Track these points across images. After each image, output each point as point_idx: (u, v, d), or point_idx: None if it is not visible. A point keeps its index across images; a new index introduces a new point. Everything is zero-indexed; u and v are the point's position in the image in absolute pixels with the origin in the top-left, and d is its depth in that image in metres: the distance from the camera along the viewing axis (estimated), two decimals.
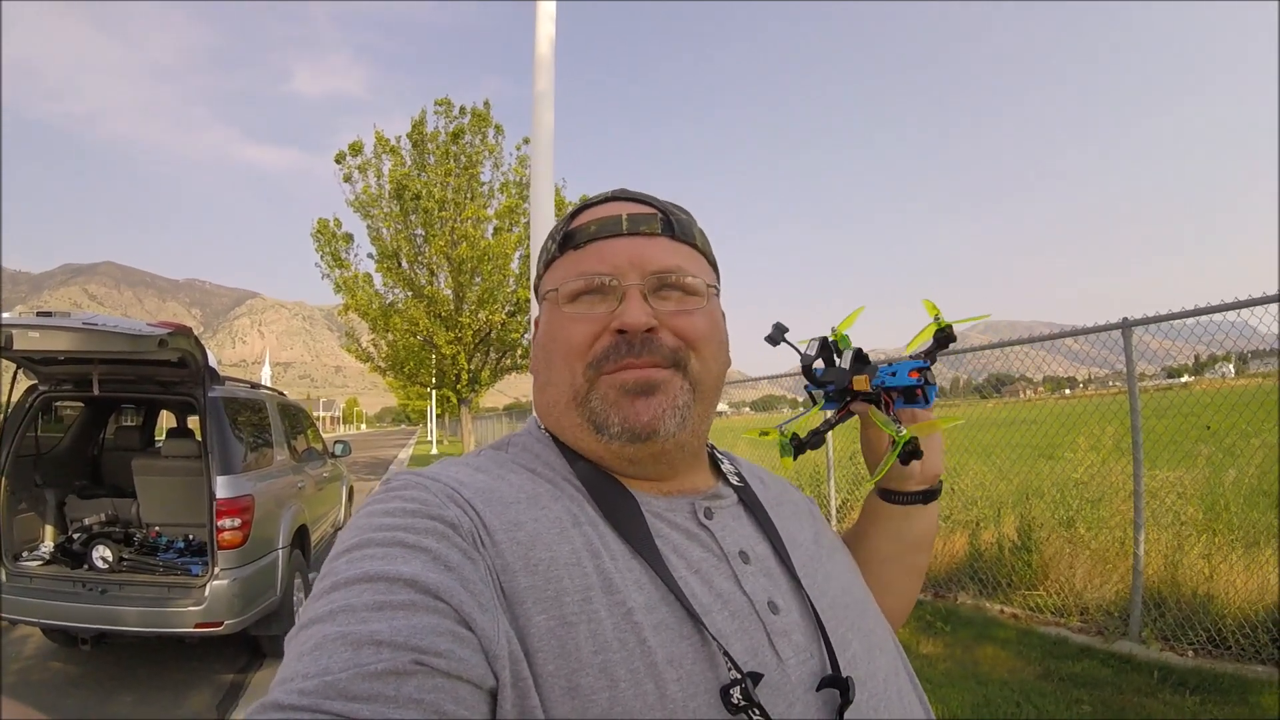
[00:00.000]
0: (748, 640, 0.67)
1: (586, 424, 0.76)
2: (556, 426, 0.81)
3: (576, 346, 0.76)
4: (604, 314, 0.77)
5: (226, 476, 4.61)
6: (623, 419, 0.74)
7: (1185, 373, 7.64)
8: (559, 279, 0.80)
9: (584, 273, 0.78)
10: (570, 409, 0.77)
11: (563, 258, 0.82)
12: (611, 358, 0.75)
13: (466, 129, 19.66)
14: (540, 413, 0.85)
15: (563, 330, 0.78)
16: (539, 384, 0.83)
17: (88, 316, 4.12)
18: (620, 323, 0.74)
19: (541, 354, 0.82)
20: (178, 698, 4.56)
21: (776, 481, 0.99)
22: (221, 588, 4.45)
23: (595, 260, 0.78)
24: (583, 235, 0.80)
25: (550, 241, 0.84)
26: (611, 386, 0.75)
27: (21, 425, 4.98)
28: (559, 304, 0.79)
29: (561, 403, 0.78)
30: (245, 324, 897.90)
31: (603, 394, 0.75)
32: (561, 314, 0.79)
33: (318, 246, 19.70)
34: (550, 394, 0.80)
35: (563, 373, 0.78)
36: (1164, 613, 4.66)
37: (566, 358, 0.77)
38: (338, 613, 0.55)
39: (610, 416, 0.74)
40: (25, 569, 4.80)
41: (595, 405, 0.75)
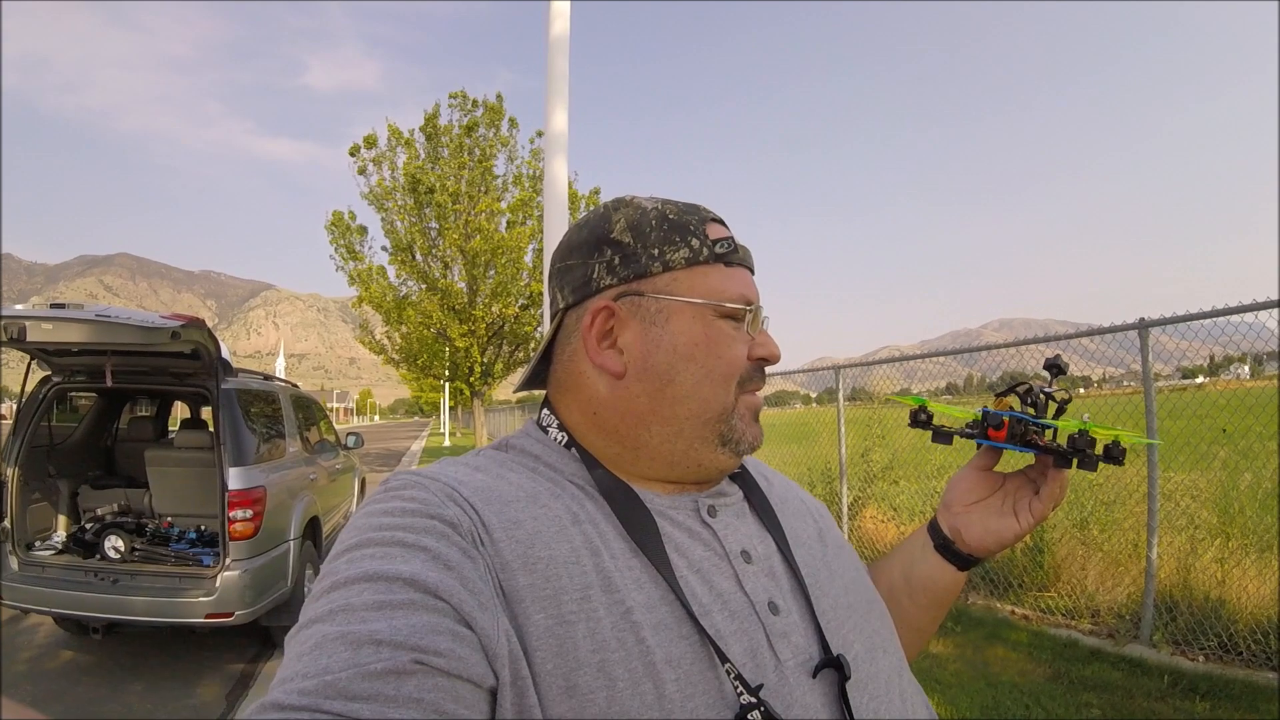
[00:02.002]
0: (746, 641, 0.67)
1: (715, 438, 0.77)
2: (661, 437, 0.77)
3: (738, 365, 0.78)
4: (747, 337, 0.79)
5: (239, 468, 4.63)
6: (754, 439, 0.80)
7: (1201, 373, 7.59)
8: (719, 290, 0.78)
9: (745, 296, 0.79)
10: (709, 423, 0.76)
11: (714, 267, 0.79)
12: (754, 379, 0.80)
13: (480, 122, 19.69)
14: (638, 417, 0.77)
15: (730, 347, 0.77)
16: (667, 392, 0.76)
17: (101, 309, 4.15)
18: (767, 353, 0.81)
19: (688, 364, 0.76)
20: (188, 687, 4.60)
21: (781, 480, 0.98)
22: (232, 578, 4.48)
23: (742, 286, 0.80)
24: (734, 257, 0.80)
25: (695, 240, 0.78)
26: (749, 408, 0.80)
27: (35, 416, 5.02)
28: (722, 317, 0.78)
29: (704, 416, 0.76)
30: (260, 315, 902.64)
31: (740, 414, 0.78)
32: (726, 329, 0.78)
33: (332, 239, 19.80)
34: (690, 405, 0.76)
35: (719, 388, 0.76)
36: (1175, 617, 4.62)
37: (728, 375, 0.77)
38: (337, 612, 0.55)
39: (746, 434, 0.79)
40: (38, 558, 4.84)
41: (735, 423, 0.78)
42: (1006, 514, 0.93)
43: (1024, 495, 0.93)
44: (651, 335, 0.76)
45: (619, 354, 0.77)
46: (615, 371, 0.77)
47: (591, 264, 0.79)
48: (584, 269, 0.79)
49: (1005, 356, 6.40)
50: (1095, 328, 5.22)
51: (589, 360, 0.78)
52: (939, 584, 0.96)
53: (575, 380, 0.80)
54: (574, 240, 0.83)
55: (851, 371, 8.00)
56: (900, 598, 0.97)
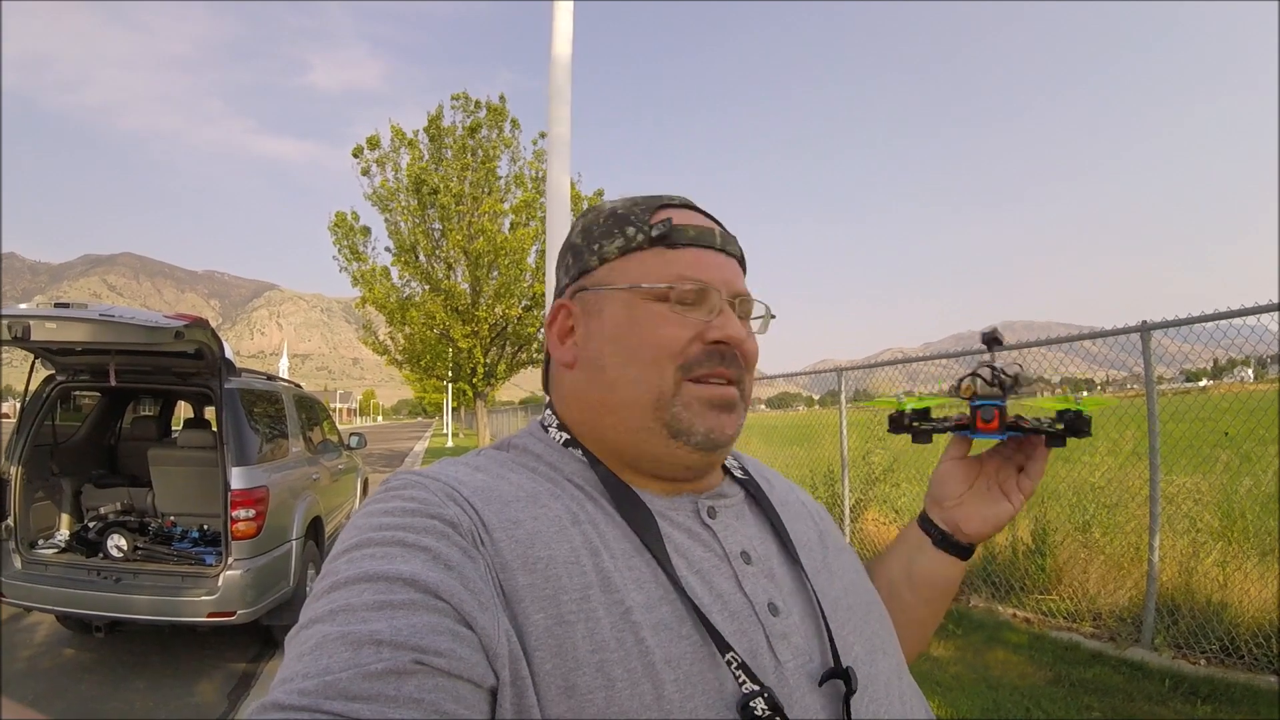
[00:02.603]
0: (746, 642, 0.67)
1: (660, 427, 0.74)
2: (608, 425, 0.78)
3: (673, 347, 0.75)
4: (698, 321, 0.76)
5: (242, 467, 4.64)
6: (708, 430, 0.75)
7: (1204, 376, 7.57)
8: (653, 273, 0.77)
9: (687, 276, 0.77)
10: (646, 410, 0.75)
11: (651, 251, 0.78)
12: (704, 365, 0.75)
13: (483, 123, 19.70)
14: (583, 407, 0.80)
15: (658, 328, 0.75)
16: (599, 379, 0.78)
17: (104, 308, 4.15)
18: (723, 334, 0.75)
19: (615, 347, 0.77)
20: (190, 686, 4.60)
21: (783, 482, 0.98)
22: (235, 578, 4.49)
23: (693, 266, 0.78)
24: (681, 236, 0.78)
25: (630, 228, 0.80)
26: (698, 397, 0.75)
27: (39, 414, 5.03)
28: (655, 299, 0.76)
29: (639, 402, 0.75)
30: (263, 315, 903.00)
31: (687, 402, 0.74)
32: (657, 310, 0.76)
33: (336, 240, 19.81)
34: (622, 391, 0.76)
35: (649, 371, 0.75)
36: (1177, 620, 4.61)
37: (658, 358, 0.75)
38: (338, 612, 0.55)
39: (696, 425, 0.74)
40: (41, 556, 4.85)
41: (678, 411, 0.74)
42: (997, 497, 0.94)
43: (1006, 474, 0.95)
44: (591, 326, 0.80)
45: (573, 347, 0.82)
46: (567, 362, 0.81)
47: (560, 270, 0.86)
48: (559, 273, 0.87)
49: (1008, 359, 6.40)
50: (1097, 330, 5.21)
51: (555, 357, 0.83)
52: (942, 576, 0.97)
53: (556, 377, 0.85)
54: (561, 249, 0.88)
55: (854, 374, 7.99)
56: (903, 595, 0.98)
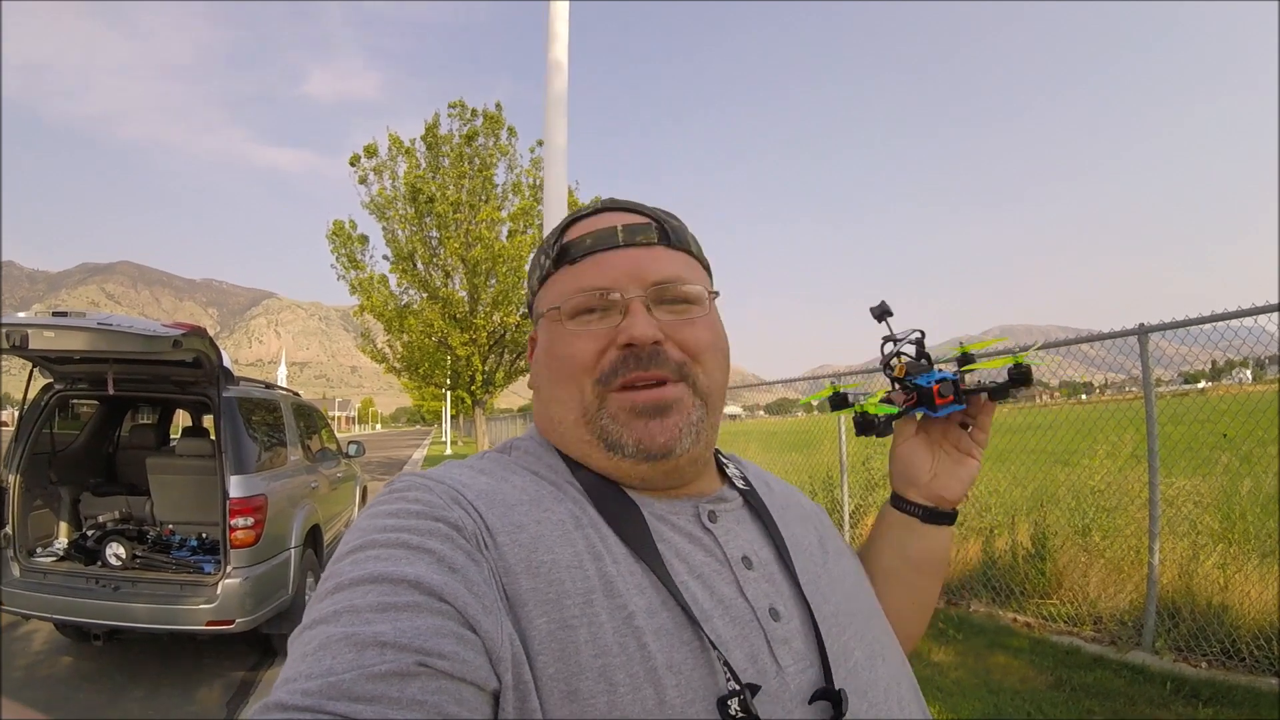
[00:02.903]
0: (747, 647, 0.67)
1: (597, 441, 0.74)
2: (562, 442, 0.79)
3: (583, 363, 0.75)
4: (608, 329, 0.75)
5: (240, 476, 4.63)
6: (636, 440, 0.73)
7: (1202, 378, 7.58)
8: (557, 295, 0.79)
9: (584, 288, 0.77)
10: (579, 426, 0.75)
11: (559, 273, 0.80)
12: (620, 372, 0.74)
13: (480, 131, 19.71)
14: (544, 429, 0.83)
15: (567, 347, 0.76)
16: (541, 400, 0.82)
17: (103, 317, 4.15)
18: (627, 336, 0.73)
19: (544, 372, 0.80)
20: (188, 694, 4.59)
21: (783, 486, 0.98)
22: (233, 586, 4.47)
23: (594, 274, 0.77)
24: (578, 249, 0.79)
25: (543, 257, 0.83)
26: (622, 407, 0.73)
27: (37, 423, 5.02)
28: (560, 320, 0.77)
29: (569, 420, 0.76)
30: (262, 324, 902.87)
31: (613, 413, 0.74)
32: (564, 330, 0.77)
33: (333, 248, 19.79)
34: (556, 411, 0.78)
35: (569, 390, 0.76)
36: (1178, 623, 4.61)
37: (573, 375, 0.75)
38: (342, 613, 0.55)
39: (624, 436, 0.73)
40: (39, 565, 4.84)
41: (606, 424, 0.74)
42: (961, 457, 0.95)
43: (957, 435, 0.96)
44: (535, 355, 0.85)
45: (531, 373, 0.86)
46: (530, 387, 0.87)
47: None
48: None
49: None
50: (1095, 333, 5.21)
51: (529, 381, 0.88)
52: (939, 547, 0.98)
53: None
54: None
55: (851, 379, 7.98)
56: (905, 576, 0.98)
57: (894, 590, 0.96)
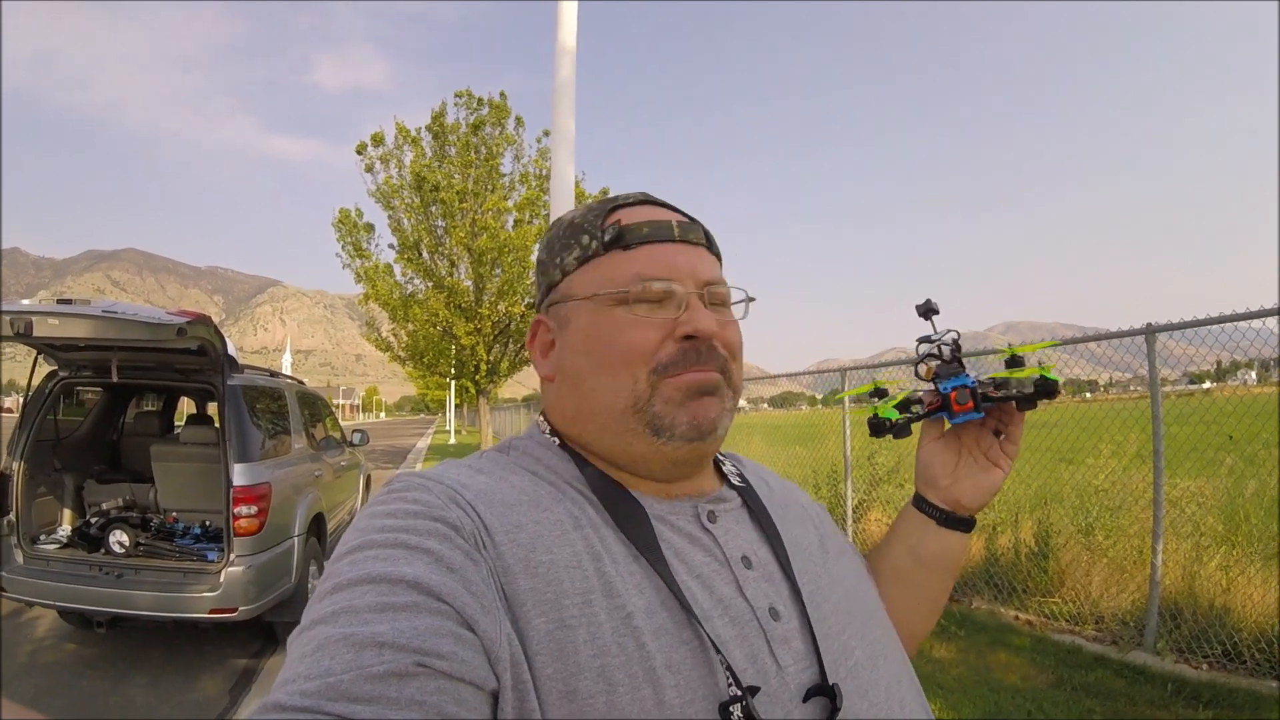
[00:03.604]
0: (747, 647, 0.67)
1: (644, 428, 0.74)
2: (592, 434, 0.78)
3: (642, 351, 0.74)
4: (666, 319, 0.75)
5: (244, 464, 4.64)
6: (690, 418, 0.73)
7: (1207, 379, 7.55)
8: (611, 279, 0.77)
9: (644, 275, 0.76)
10: (626, 415, 0.74)
11: (607, 257, 0.78)
12: (680, 364, 0.74)
13: (486, 120, 19.69)
14: (566, 419, 0.81)
15: (623, 334, 0.75)
16: (577, 390, 0.78)
17: (107, 304, 4.16)
18: (693, 329, 0.74)
19: (587, 359, 0.77)
20: (191, 681, 4.60)
21: (783, 484, 0.98)
22: (237, 574, 4.48)
23: (650, 264, 0.77)
24: (634, 236, 0.78)
25: (585, 237, 0.80)
26: (676, 389, 0.74)
27: (41, 410, 5.03)
28: (610, 306, 0.76)
29: (618, 408, 0.75)
30: (267, 311, 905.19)
31: (666, 397, 0.74)
32: (619, 316, 0.75)
33: (339, 236, 19.80)
34: (599, 399, 0.76)
35: (621, 378, 0.74)
36: (1179, 624, 4.60)
37: (628, 363, 0.74)
38: (340, 614, 0.55)
39: (677, 417, 0.73)
40: (43, 552, 4.85)
41: (658, 409, 0.73)
42: (986, 466, 0.94)
43: (988, 442, 0.95)
44: (563, 340, 0.81)
45: (550, 362, 0.82)
46: (547, 376, 0.83)
47: (535, 285, 0.86)
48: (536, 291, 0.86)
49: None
50: (1102, 332, 5.19)
51: (538, 371, 0.85)
52: (952, 552, 0.97)
53: (542, 388, 0.87)
54: None
55: (857, 374, 7.98)
56: (915, 576, 0.97)
57: (902, 588, 0.97)
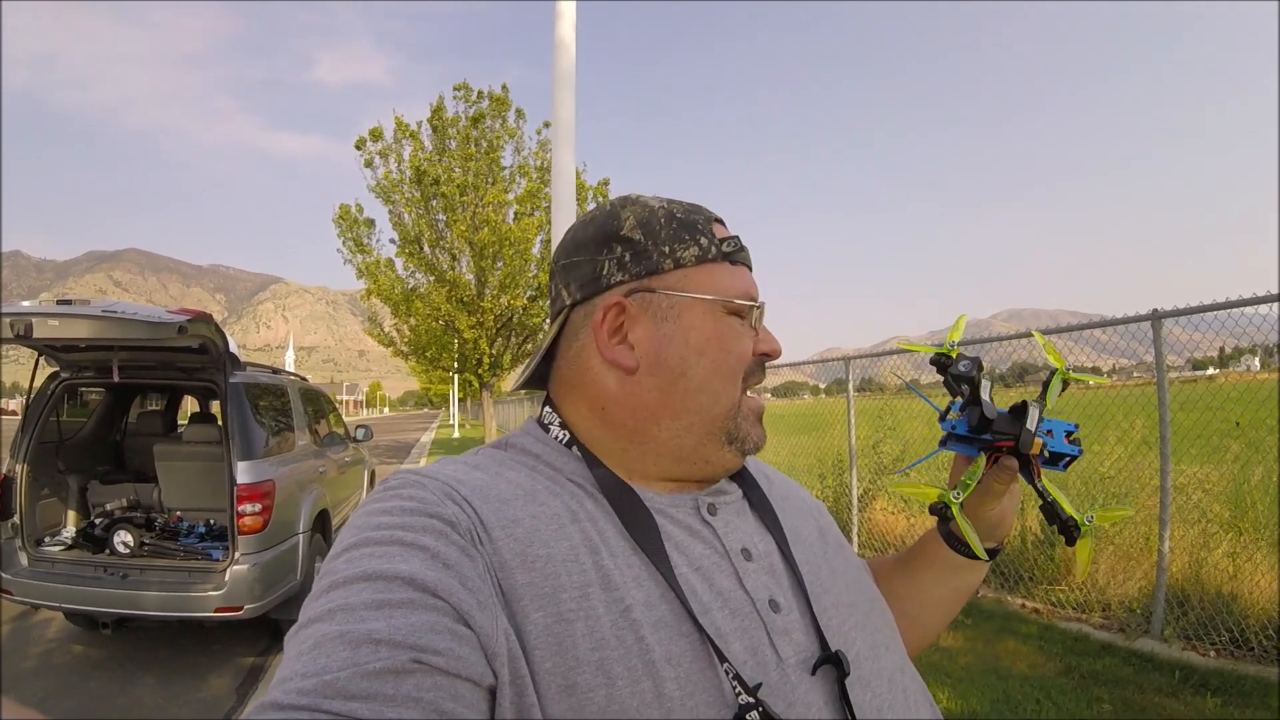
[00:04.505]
0: (747, 639, 0.67)
1: (721, 434, 0.77)
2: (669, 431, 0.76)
3: (743, 360, 0.78)
4: (752, 333, 0.80)
5: (247, 462, 4.64)
6: (757, 439, 0.80)
7: (1211, 365, 7.54)
8: (729, 288, 0.79)
9: (749, 294, 0.80)
10: (717, 418, 0.77)
11: (721, 265, 0.80)
12: (755, 376, 0.80)
13: (486, 113, 19.68)
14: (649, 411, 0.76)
15: (739, 343, 0.78)
16: (678, 385, 0.76)
17: (108, 304, 4.16)
18: (770, 348, 0.81)
19: (700, 358, 0.76)
20: (198, 680, 4.62)
21: (782, 478, 0.98)
22: (242, 572, 4.49)
23: (748, 284, 0.81)
24: (739, 256, 0.82)
25: (703, 239, 0.79)
26: (751, 409, 0.80)
27: (44, 411, 5.04)
28: (731, 314, 0.78)
29: (713, 411, 0.76)
30: (269, 309, 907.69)
31: (744, 414, 0.79)
32: (732, 324, 0.78)
33: (340, 232, 19.82)
34: (701, 400, 0.76)
35: (728, 384, 0.77)
36: (1186, 611, 4.61)
37: (736, 371, 0.78)
38: (336, 611, 0.54)
39: (750, 434, 0.79)
40: (48, 554, 4.86)
41: (740, 422, 0.78)
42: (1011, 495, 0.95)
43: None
44: (664, 330, 0.77)
45: (630, 349, 0.77)
46: (628, 366, 0.77)
47: (600, 260, 0.79)
48: (592, 265, 0.79)
49: (1015, 347, 6.36)
50: (1107, 319, 5.19)
51: (599, 356, 0.78)
52: (979, 577, 1.00)
53: (582, 376, 0.80)
54: (580, 237, 0.82)
55: (860, 362, 7.97)
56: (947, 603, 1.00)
57: (933, 615, 0.99)
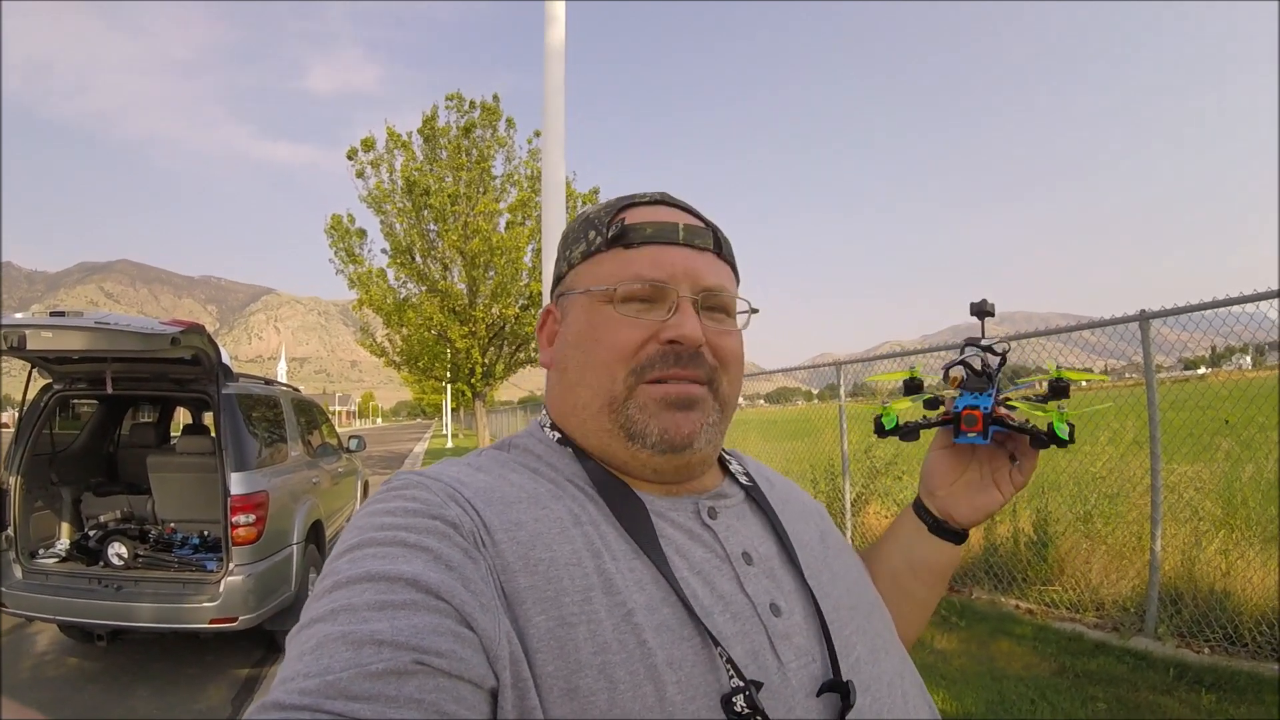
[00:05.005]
0: (748, 643, 0.67)
1: (618, 430, 0.74)
2: (577, 428, 0.78)
3: (623, 351, 0.74)
4: (653, 321, 0.75)
5: (241, 473, 4.63)
6: (662, 430, 0.73)
7: (1202, 364, 7.57)
8: (607, 276, 0.77)
9: (641, 276, 0.76)
10: (602, 413, 0.75)
11: (609, 253, 0.78)
12: (658, 366, 0.74)
13: (477, 123, 19.68)
14: (559, 411, 0.81)
15: (610, 332, 0.75)
16: (564, 382, 0.80)
17: (100, 316, 4.15)
18: (677, 334, 0.74)
19: (576, 352, 0.78)
20: (193, 692, 4.60)
21: (783, 482, 0.98)
22: (236, 583, 4.48)
23: (649, 264, 0.77)
24: (637, 235, 0.78)
25: (592, 232, 0.80)
26: (651, 398, 0.74)
27: (37, 424, 5.01)
28: (606, 303, 0.76)
29: (593, 406, 0.76)
30: (261, 320, 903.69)
31: (641, 404, 0.74)
32: (608, 314, 0.76)
33: (332, 242, 19.79)
34: (580, 395, 0.77)
35: (601, 375, 0.75)
36: (1180, 609, 4.62)
37: (608, 362, 0.75)
38: (339, 612, 0.54)
39: (649, 426, 0.73)
40: (42, 566, 4.84)
41: (632, 413, 0.74)
42: (988, 486, 0.94)
43: (999, 463, 0.95)
44: (561, 331, 0.82)
45: (550, 352, 0.84)
46: (546, 364, 0.84)
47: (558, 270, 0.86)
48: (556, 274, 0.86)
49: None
50: (1096, 320, 5.21)
51: (540, 359, 0.86)
52: (940, 562, 0.98)
53: (546, 378, 0.86)
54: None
55: (853, 368, 7.98)
56: (905, 582, 0.98)
57: (892, 592, 0.96)
